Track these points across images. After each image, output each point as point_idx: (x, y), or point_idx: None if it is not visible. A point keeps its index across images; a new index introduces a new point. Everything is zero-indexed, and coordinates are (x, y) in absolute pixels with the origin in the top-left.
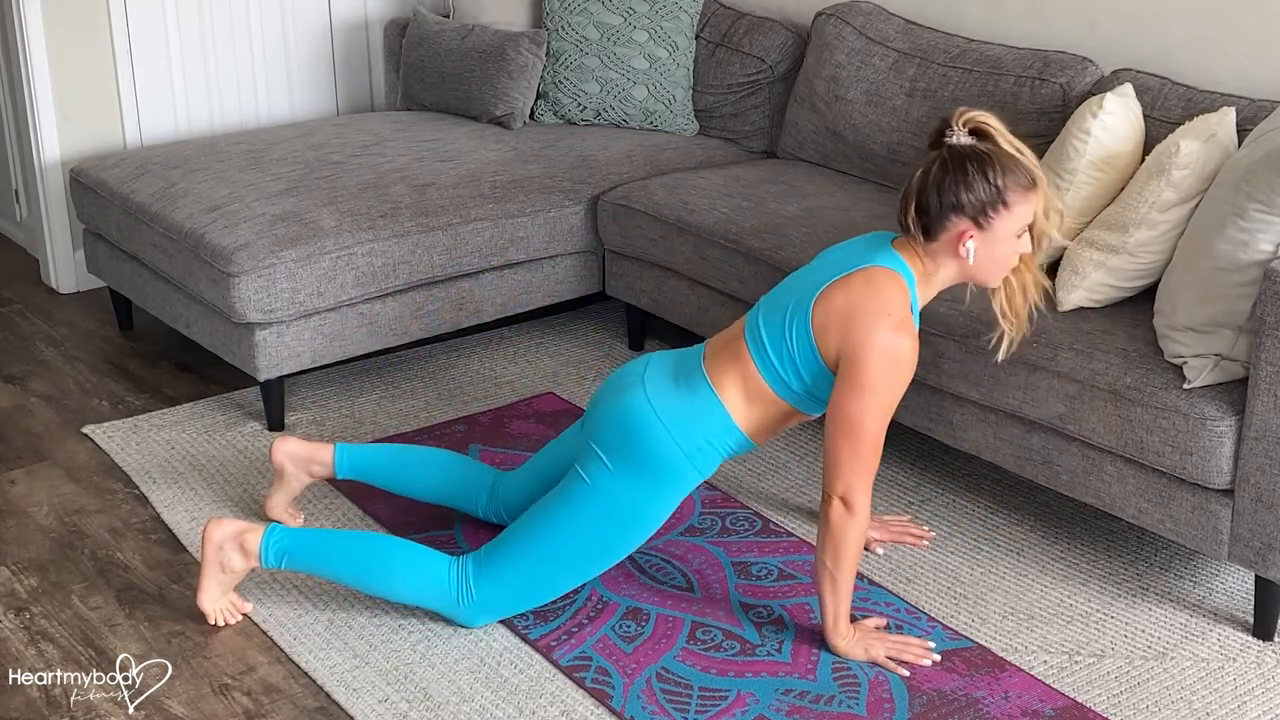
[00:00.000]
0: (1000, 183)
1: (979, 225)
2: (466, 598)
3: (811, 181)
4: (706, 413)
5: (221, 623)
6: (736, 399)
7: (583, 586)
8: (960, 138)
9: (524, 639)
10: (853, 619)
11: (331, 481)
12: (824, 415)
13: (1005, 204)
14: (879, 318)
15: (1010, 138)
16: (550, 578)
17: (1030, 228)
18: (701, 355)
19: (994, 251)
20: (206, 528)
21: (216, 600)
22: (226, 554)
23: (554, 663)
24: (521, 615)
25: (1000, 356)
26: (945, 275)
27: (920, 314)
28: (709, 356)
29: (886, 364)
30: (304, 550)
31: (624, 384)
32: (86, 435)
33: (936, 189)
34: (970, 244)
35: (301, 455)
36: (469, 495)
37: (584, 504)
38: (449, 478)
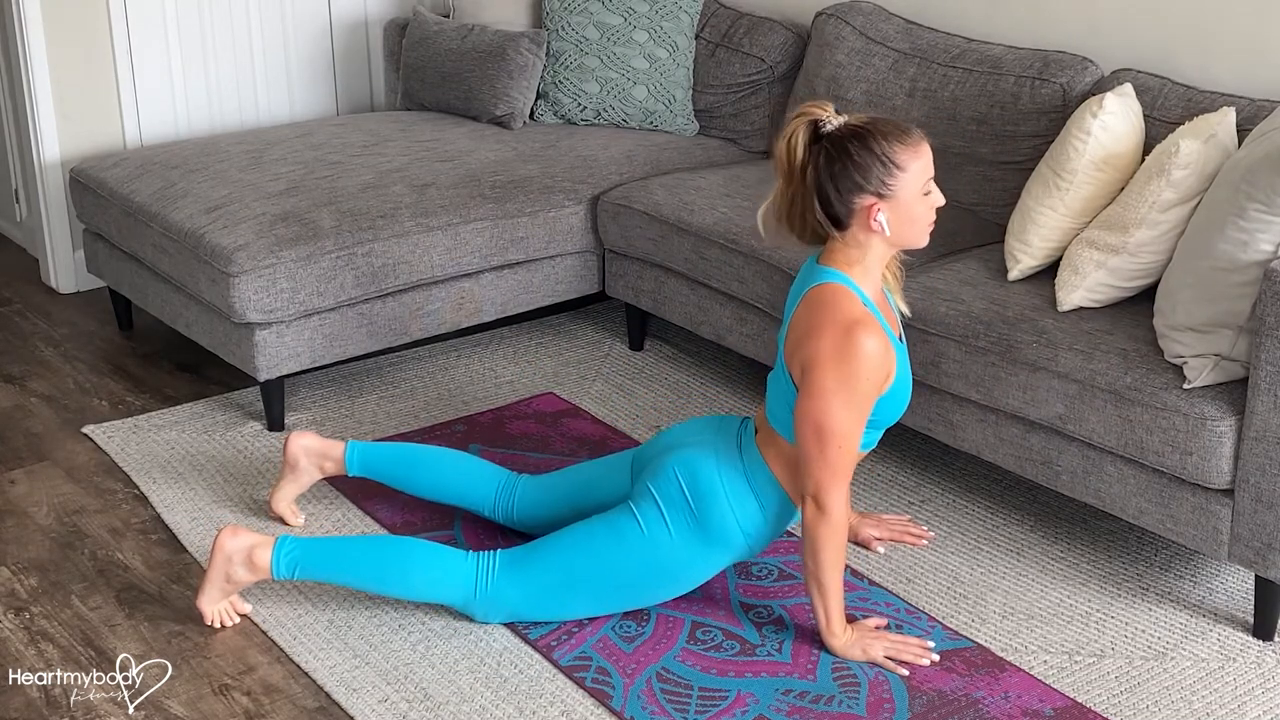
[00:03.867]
0: (885, 147)
1: (881, 196)
2: (485, 590)
3: None
4: (765, 493)
5: (219, 624)
6: (783, 472)
7: None
8: (832, 122)
9: (524, 639)
10: (852, 619)
11: (332, 480)
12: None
13: (897, 166)
14: (823, 328)
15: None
16: (572, 599)
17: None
18: (754, 431)
19: (907, 214)
20: (219, 536)
21: (215, 603)
22: (234, 566)
23: (554, 663)
24: None
25: None
26: (875, 256)
27: (897, 305)
28: (759, 431)
29: (838, 362)
30: (318, 559)
31: (693, 441)
32: (86, 435)
33: (830, 178)
34: (881, 216)
35: (316, 450)
36: (478, 494)
37: (630, 545)
38: (459, 476)
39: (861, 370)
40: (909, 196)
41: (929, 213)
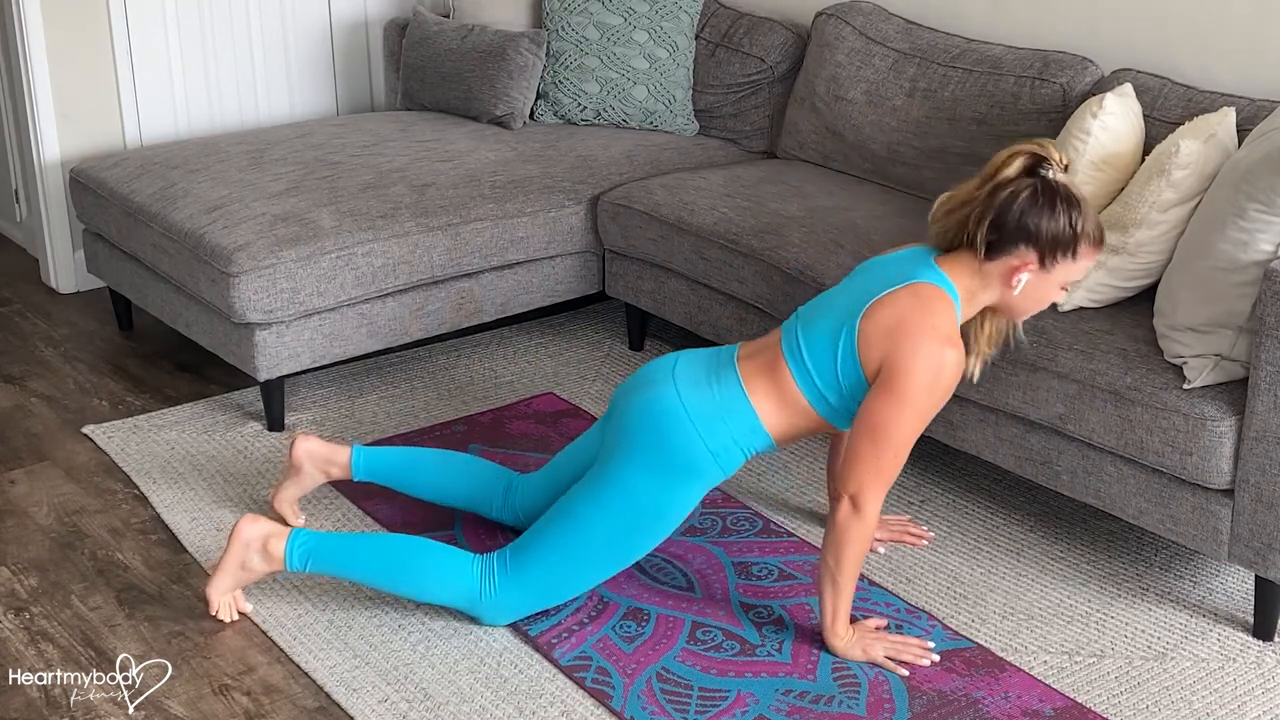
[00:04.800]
0: (1081, 230)
1: (1042, 263)
2: (490, 595)
3: (811, 181)
4: (736, 413)
5: (223, 616)
6: (768, 404)
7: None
8: (1056, 172)
9: (524, 638)
10: (852, 619)
11: (336, 483)
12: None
13: (1075, 252)
14: (926, 332)
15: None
16: (574, 575)
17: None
18: (735, 356)
19: (1040, 292)
20: (239, 523)
21: (225, 592)
22: (250, 554)
23: (554, 662)
24: None
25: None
26: (985, 298)
27: (972, 365)
28: (742, 359)
29: (928, 376)
30: (330, 553)
31: (652, 379)
32: (86, 435)
33: (1021, 213)
34: (1025, 276)
35: (321, 455)
36: (484, 497)
37: (607, 500)
38: (465, 480)
39: (940, 387)
40: (1055, 281)
41: (1048, 302)
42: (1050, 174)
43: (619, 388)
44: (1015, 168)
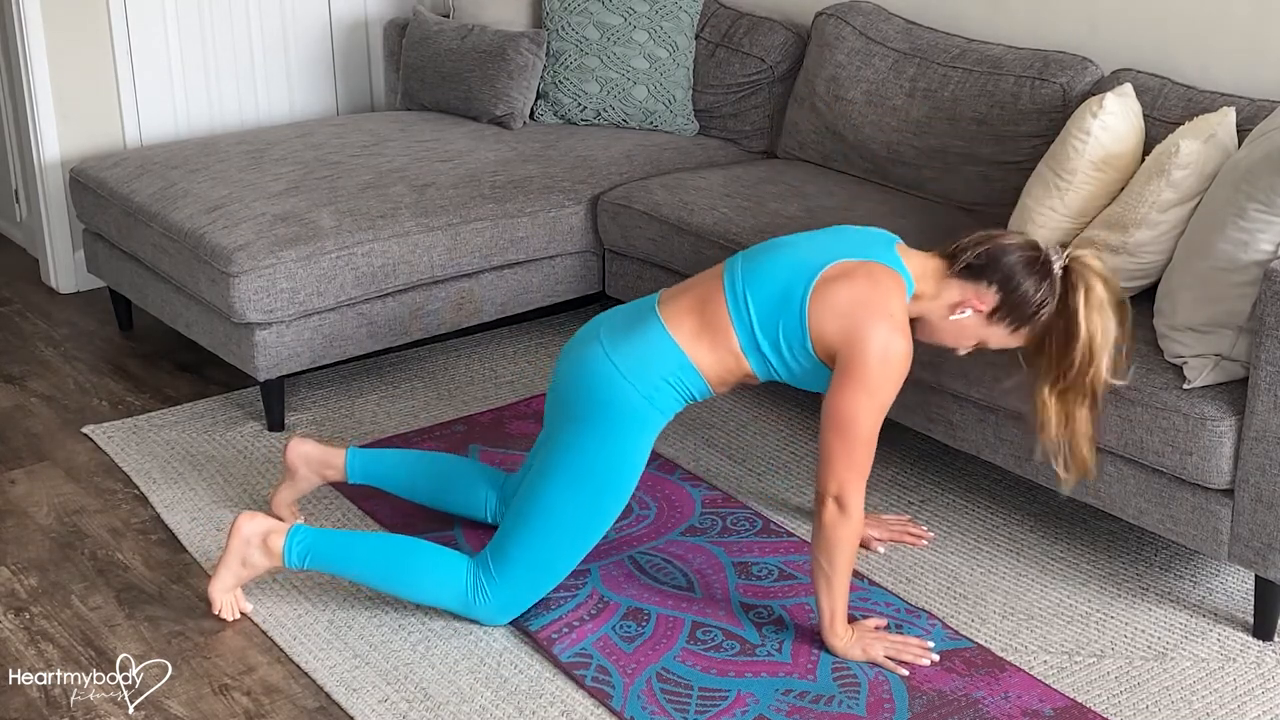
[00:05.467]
0: (1038, 317)
1: (992, 314)
2: (481, 599)
3: (811, 181)
4: (661, 352)
5: (226, 616)
6: (695, 343)
7: (586, 580)
8: (1065, 264)
9: (524, 637)
10: (852, 619)
11: (335, 484)
12: (785, 386)
13: (1019, 326)
14: (881, 316)
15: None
16: (555, 557)
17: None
18: (656, 300)
19: (964, 335)
20: (237, 520)
21: (227, 591)
22: (250, 550)
23: (554, 661)
24: None
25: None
26: (925, 307)
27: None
28: (666, 301)
29: (884, 363)
30: (328, 551)
31: (580, 343)
32: (86, 435)
33: (1015, 263)
34: (969, 313)
35: (316, 458)
36: (478, 501)
37: (562, 472)
38: (460, 485)
39: (899, 378)
40: (982, 334)
41: (956, 346)
42: (1057, 263)
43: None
44: (1062, 259)
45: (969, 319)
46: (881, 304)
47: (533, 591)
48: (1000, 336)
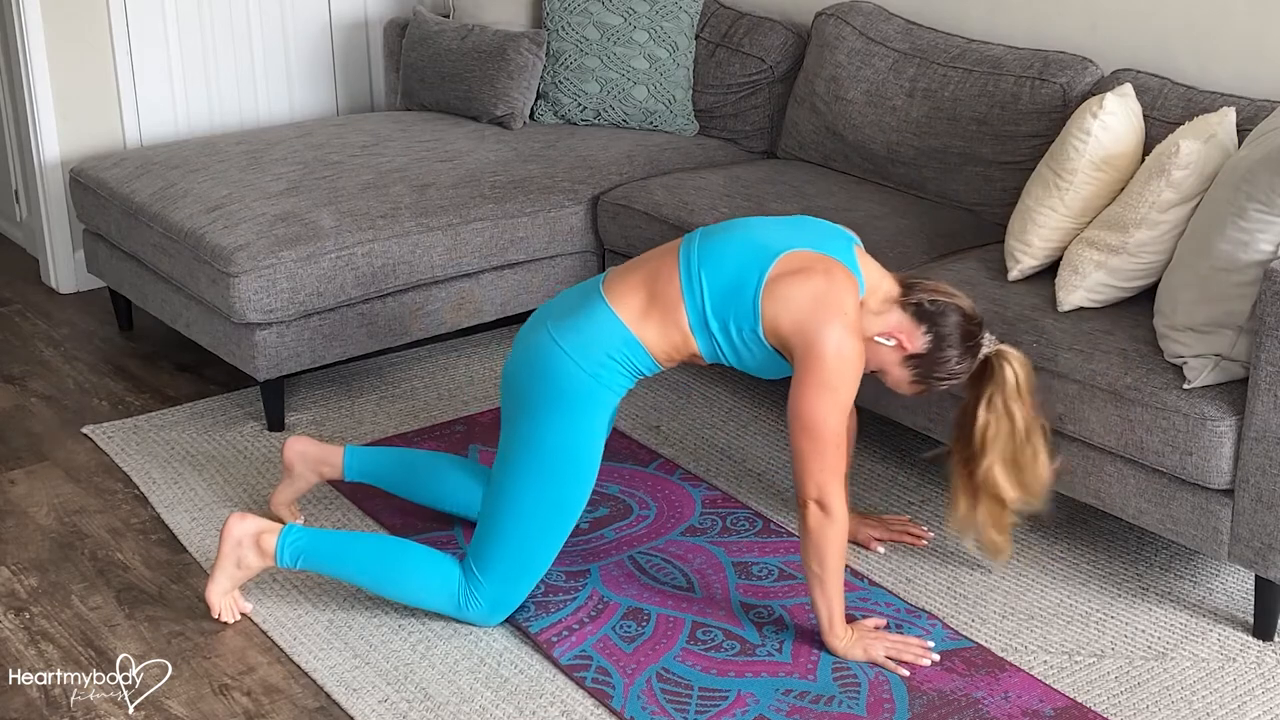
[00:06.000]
0: (940, 380)
1: (910, 357)
2: (473, 602)
3: (811, 182)
4: (605, 329)
5: (226, 618)
6: (644, 320)
7: (585, 580)
8: (993, 352)
9: (524, 638)
10: (851, 619)
11: (335, 483)
12: (786, 385)
13: (921, 377)
14: (835, 314)
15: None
16: (532, 549)
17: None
18: (600, 281)
19: (875, 361)
20: (227, 522)
21: (224, 594)
22: (244, 551)
23: (554, 662)
24: (522, 608)
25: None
26: (866, 321)
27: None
28: (613, 279)
29: (841, 361)
30: (320, 551)
31: (527, 331)
32: (86, 435)
33: (955, 324)
34: (892, 344)
35: (313, 456)
36: (477, 502)
37: (522, 462)
38: (458, 485)
39: (857, 376)
40: (890, 367)
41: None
42: (986, 349)
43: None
44: (992, 346)
45: (889, 349)
46: (837, 302)
47: (518, 588)
48: (900, 378)
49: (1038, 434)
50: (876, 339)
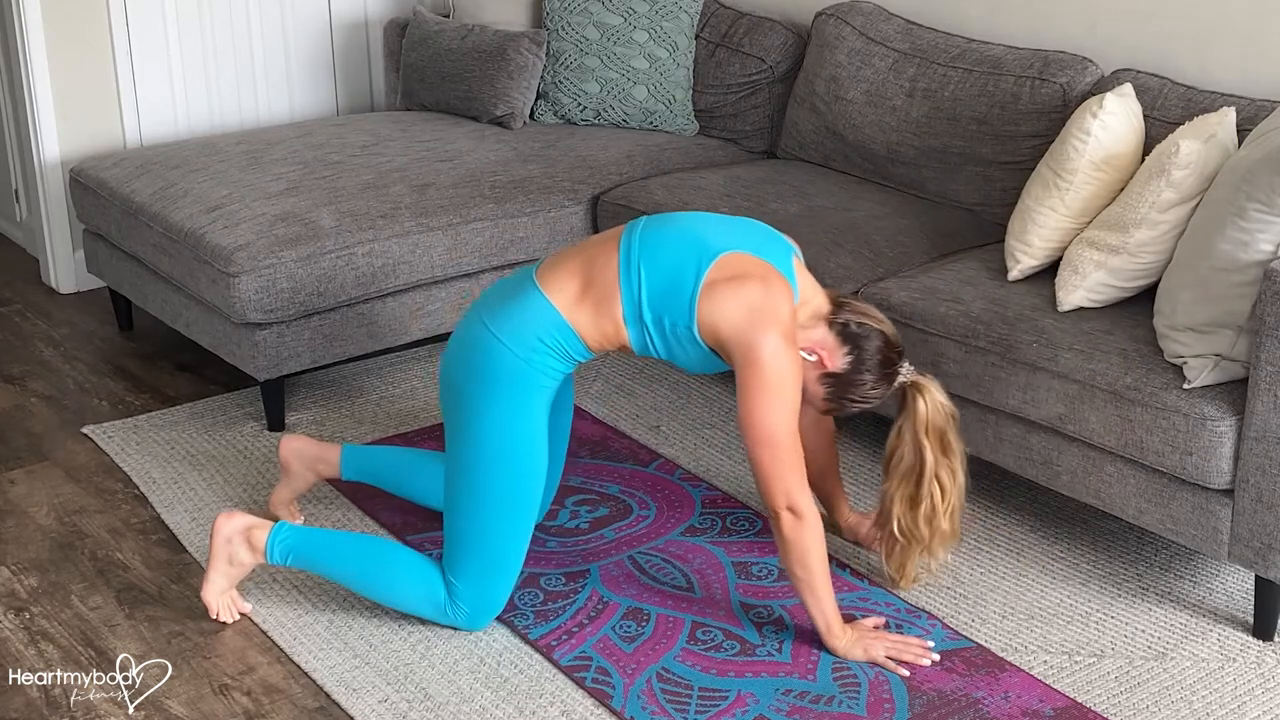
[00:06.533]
0: (857, 402)
1: (829, 375)
2: (456, 608)
3: (811, 182)
4: (534, 312)
5: (224, 618)
6: (577, 306)
7: (585, 580)
8: (908, 382)
9: (524, 639)
10: (851, 619)
11: (334, 482)
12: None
13: (834, 401)
14: (771, 322)
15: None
16: (498, 543)
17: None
18: (534, 269)
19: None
20: (216, 521)
21: (221, 594)
22: (235, 548)
23: (554, 662)
24: (521, 615)
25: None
26: (803, 335)
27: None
28: (547, 267)
29: (781, 365)
30: (309, 550)
31: (461, 324)
32: (86, 435)
33: (877, 347)
34: (814, 360)
35: (309, 454)
36: None
37: (465, 456)
38: None
39: (794, 376)
40: (807, 385)
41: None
42: (902, 378)
43: None
44: (909, 376)
45: (810, 364)
46: (773, 310)
47: (494, 587)
48: (815, 394)
49: (947, 487)
50: (800, 352)
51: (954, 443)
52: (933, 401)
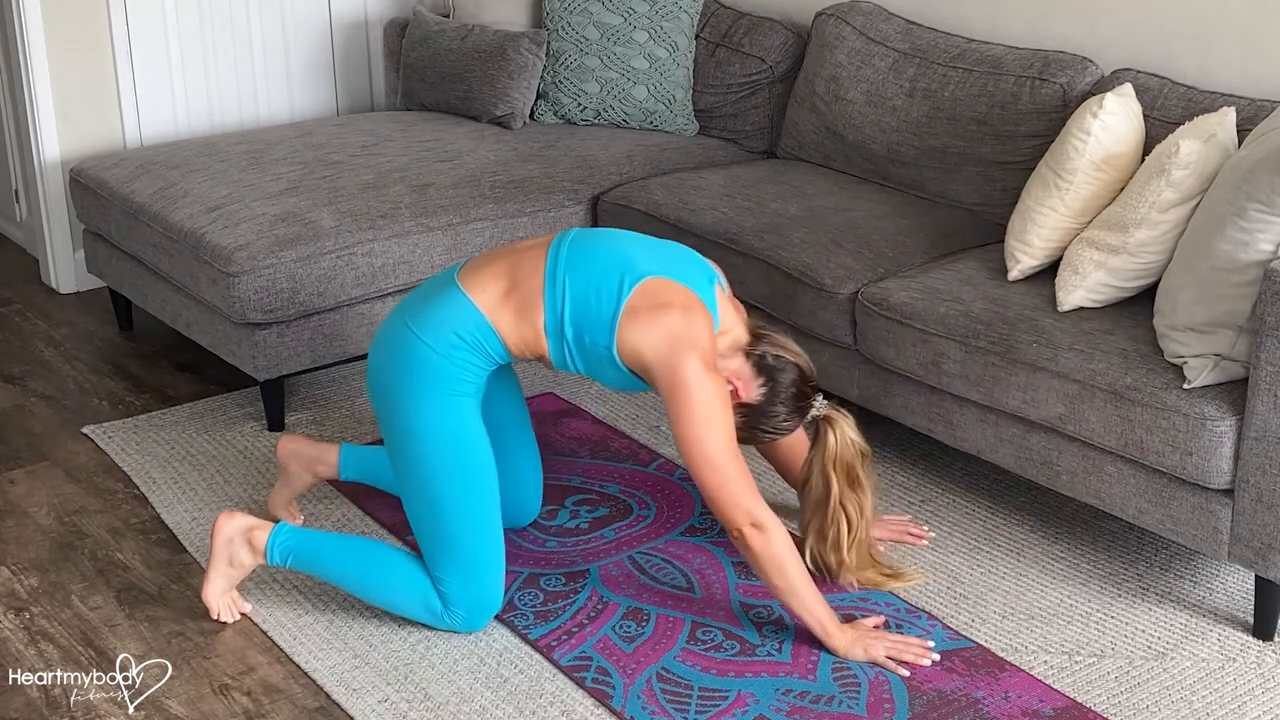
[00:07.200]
0: (769, 433)
1: (745, 405)
2: (450, 612)
3: (811, 182)
4: (455, 312)
5: (225, 618)
6: (500, 308)
7: (585, 581)
8: (821, 416)
9: (524, 639)
10: (851, 618)
11: (333, 482)
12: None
13: (748, 431)
14: (691, 348)
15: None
16: (466, 540)
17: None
18: (456, 268)
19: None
20: (216, 521)
21: (221, 594)
22: (235, 549)
23: (554, 662)
24: (521, 615)
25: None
26: (727, 364)
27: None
28: (470, 268)
29: (705, 389)
30: (308, 552)
31: (383, 324)
32: (86, 435)
33: (791, 380)
34: (729, 390)
35: (307, 454)
36: None
37: (410, 458)
38: None
39: (721, 397)
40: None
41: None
42: (814, 411)
43: None
44: (822, 410)
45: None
46: (693, 337)
47: (481, 586)
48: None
49: (853, 520)
50: (729, 381)
51: (863, 478)
52: (842, 436)
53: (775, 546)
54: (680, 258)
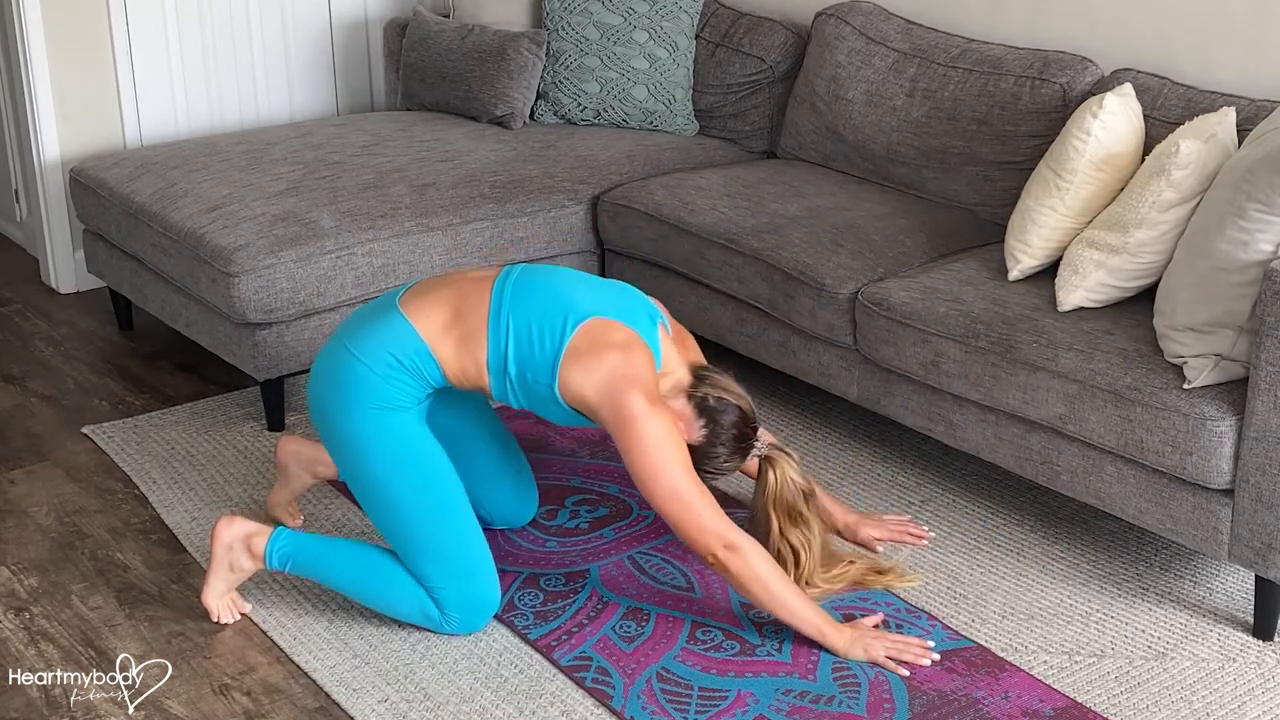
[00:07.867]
0: (713, 473)
1: (689, 442)
2: (446, 617)
3: (811, 181)
4: (394, 335)
5: (225, 619)
6: (443, 336)
7: (585, 581)
8: (763, 455)
9: (524, 639)
10: (851, 618)
11: (333, 482)
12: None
13: (701, 472)
14: (634, 386)
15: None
16: (444, 543)
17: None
18: (398, 293)
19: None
20: (216, 526)
21: (221, 597)
22: (236, 554)
23: (554, 663)
24: (521, 615)
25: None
26: (670, 400)
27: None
28: (412, 295)
29: (656, 425)
30: (307, 558)
31: (323, 349)
32: (86, 435)
33: (730, 428)
34: (683, 425)
35: (306, 455)
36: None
37: (365, 475)
38: None
39: (669, 429)
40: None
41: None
42: (756, 452)
43: None
44: (765, 450)
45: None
46: (634, 375)
47: (472, 587)
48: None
49: (800, 554)
50: (680, 415)
51: (806, 514)
52: (783, 476)
53: (752, 564)
54: (624, 298)
